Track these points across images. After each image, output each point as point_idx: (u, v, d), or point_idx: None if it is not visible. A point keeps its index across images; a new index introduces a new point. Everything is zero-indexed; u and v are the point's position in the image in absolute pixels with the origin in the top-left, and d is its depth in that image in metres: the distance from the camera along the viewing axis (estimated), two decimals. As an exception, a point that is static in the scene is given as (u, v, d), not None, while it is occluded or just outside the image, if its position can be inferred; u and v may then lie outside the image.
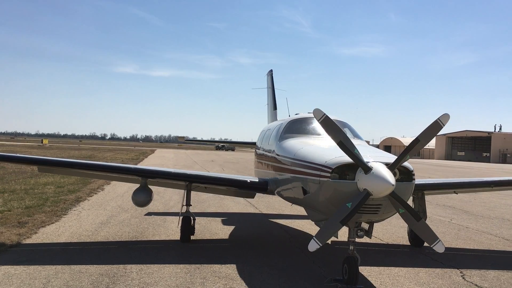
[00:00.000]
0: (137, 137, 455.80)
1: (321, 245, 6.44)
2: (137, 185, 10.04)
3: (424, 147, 7.90)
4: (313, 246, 6.43)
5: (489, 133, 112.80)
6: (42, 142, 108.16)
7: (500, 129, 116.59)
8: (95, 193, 17.55)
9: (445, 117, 6.56)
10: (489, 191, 14.18)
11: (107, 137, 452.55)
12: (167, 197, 17.10)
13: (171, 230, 11.00)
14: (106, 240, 9.79)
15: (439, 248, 6.73)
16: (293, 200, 8.75)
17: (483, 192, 19.48)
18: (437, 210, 16.20)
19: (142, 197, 9.81)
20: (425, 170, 45.80)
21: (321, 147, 7.97)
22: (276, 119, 16.00)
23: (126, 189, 18.56)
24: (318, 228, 7.26)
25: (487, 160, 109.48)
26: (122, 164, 19.88)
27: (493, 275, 7.98)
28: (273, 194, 9.78)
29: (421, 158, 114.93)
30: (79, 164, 10.18)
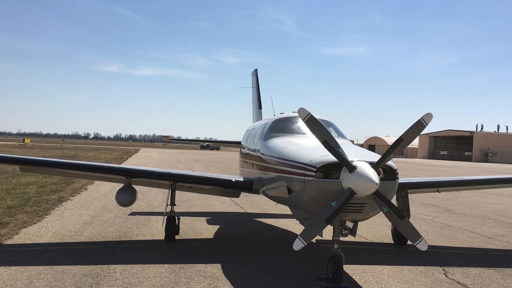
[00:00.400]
0: (121, 136, 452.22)
1: (306, 244, 6.46)
2: (121, 185, 9.96)
3: (408, 146, 7.98)
4: (298, 245, 6.45)
5: (471, 132, 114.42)
6: (24, 142, 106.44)
7: (482, 128, 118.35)
8: (78, 193, 17.35)
9: (428, 116, 6.64)
10: (471, 190, 14.39)
11: (91, 137, 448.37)
12: (151, 197, 16.99)
13: (156, 230, 10.93)
14: (90, 240, 9.68)
15: (422, 246, 6.81)
16: (278, 199, 8.76)
17: (465, 191, 19.75)
18: (420, 208, 16.38)
19: (126, 197, 9.73)
20: (408, 169, 46.27)
21: (306, 146, 7.99)
22: (261, 119, 16.00)
23: (109, 188, 18.39)
24: (303, 227, 7.28)
25: (469, 159, 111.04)
26: (105, 163, 19.71)
27: (475, 273, 8.09)
28: (258, 193, 9.78)
29: (404, 157, 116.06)
30: (61, 164, 10.05)
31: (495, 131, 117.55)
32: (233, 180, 10.10)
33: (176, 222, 10.04)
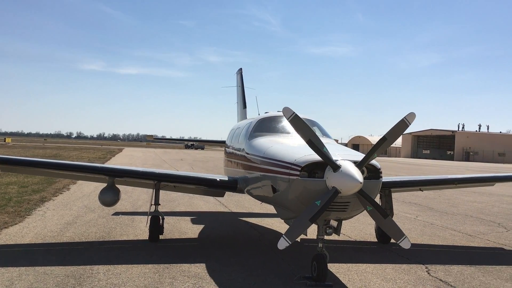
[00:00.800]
0: (104, 135, 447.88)
1: (290, 243, 6.48)
2: (104, 185, 9.86)
3: (391, 146, 8.05)
4: (282, 244, 6.47)
5: (453, 131, 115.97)
6: (5, 141, 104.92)
7: (463, 127, 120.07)
8: (61, 193, 17.14)
9: (411, 116, 6.71)
10: (453, 188, 14.57)
11: (73, 136, 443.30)
12: (135, 196, 16.86)
13: (140, 229, 10.85)
14: (72, 240, 9.57)
15: (405, 245, 6.88)
16: (262, 199, 8.77)
17: (447, 189, 20.00)
18: (403, 207, 16.54)
19: (109, 197, 9.64)
20: (391, 168, 46.71)
21: (290, 146, 8.01)
22: (245, 118, 15.99)
23: (92, 188, 18.21)
24: (287, 226, 7.31)
25: (451, 158, 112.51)
26: (88, 163, 19.52)
27: (457, 270, 8.20)
28: (243, 192, 9.78)
29: (388, 156, 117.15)
30: (43, 163, 9.92)
31: (476, 131, 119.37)
32: (218, 180, 10.08)
33: (160, 222, 9.98)
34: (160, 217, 10.00)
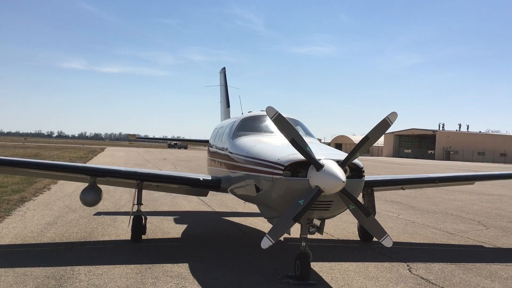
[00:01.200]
0: (86, 135, 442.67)
1: (273, 242, 6.49)
2: (86, 184, 9.75)
3: (373, 145, 8.13)
4: (265, 243, 6.48)
5: (433, 131, 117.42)
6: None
7: (443, 127, 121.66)
8: (41, 193, 16.90)
9: (393, 115, 6.77)
10: (434, 187, 14.79)
11: (54, 135, 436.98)
12: (117, 196, 16.71)
13: (122, 230, 10.75)
14: (53, 241, 9.44)
15: (387, 243, 6.95)
16: (246, 198, 8.77)
17: (428, 188, 20.26)
18: (385, 205, 16.71)
19: (90, 197, 9.53)
20: (374, 167, 47.14)
21: (273, 145, 8.02)
22: (229, 117, 15.97)
23: (74, 188, 17.99)
24: (271, 226, 7.31)
25: (432, 157, 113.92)
26: (69, 162, 19.28)
27: (438, 268, 8.31)
28: (226, 192, 9.76)
29: (370, 156, 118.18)
30: (23, 163, 9.75)
31: (456, 130, 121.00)
32: (201, 179, 10.05)
33: (143, 222, 9.91)
34: (143, 217, 9.92)
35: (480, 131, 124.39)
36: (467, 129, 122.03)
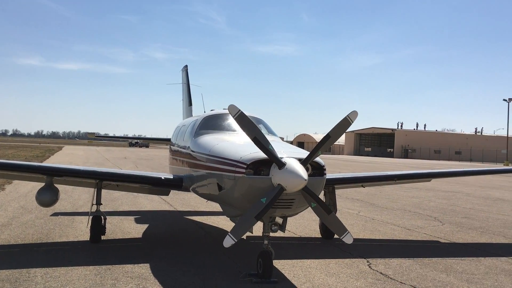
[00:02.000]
0: (43, 133, 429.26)
1: (236, 240, 6.49)
2: (42, 184, 9.44)
3: (335, 143, 8.24)
4: (228, 242, 6.47)
5: (392, 130, 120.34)
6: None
7: (402, 126, 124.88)
8: (-5, 193, 16.26)
9: (354, 114, 6.88)
10: (393, 184, 15.14)
11: (9, 133, 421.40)
12: (75, 196, 16.28)
13: (80, 230, 10.48)
14: (7, 243, 9.10)
15: (348, 240, 7.07)
16: (208, 197, 8.71)
17: (387, 185, 20.74)
18: (346, 203, 16.99)
19: (47, 197, 9.23)
20: (335, 165, 47.86)
21: (236, 143, 8.00)
22: (191, 115, 15.83)
23: (30, 188, 17.42)
24: (233, 224, 7.29)
25: (391, 155, 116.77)
26: (25, 161, 18.65)
27: (396, 263, 8.51)
28: (188, 190, 9.68)
29: (331, 154, 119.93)
30: (-25, 162, 9.35)
31: (414, 129, 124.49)
32: (163, 178, 9.92)
33: (102, 222, 9.70)
34: (102, 217, 9.71)
35: (436, 130, 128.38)
36: (424, 128, 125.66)
